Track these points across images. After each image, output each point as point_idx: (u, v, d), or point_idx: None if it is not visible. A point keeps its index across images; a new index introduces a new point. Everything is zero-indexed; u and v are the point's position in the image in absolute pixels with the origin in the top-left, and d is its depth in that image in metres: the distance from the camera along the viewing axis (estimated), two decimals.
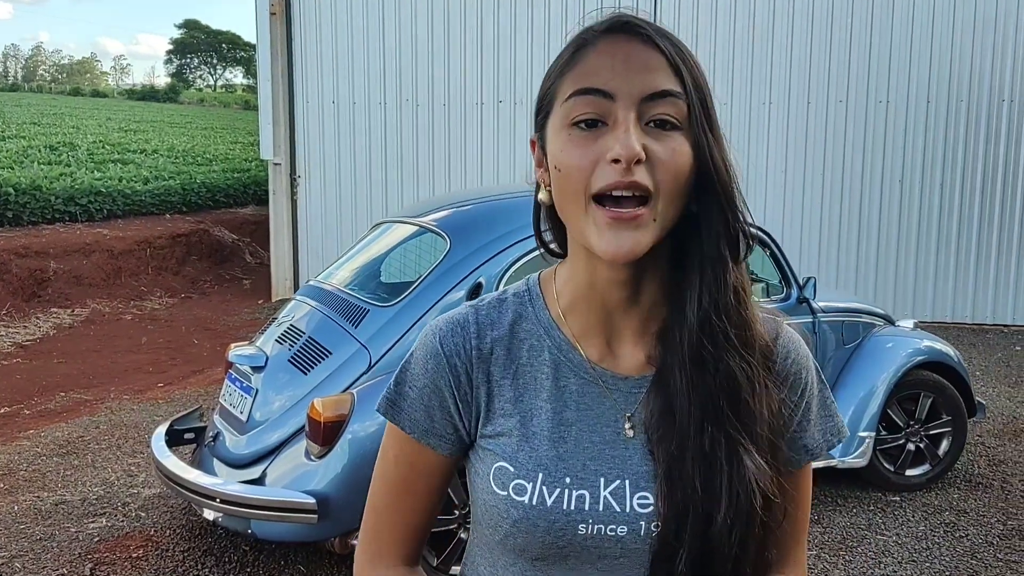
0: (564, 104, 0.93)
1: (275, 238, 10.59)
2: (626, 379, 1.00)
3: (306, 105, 10.43)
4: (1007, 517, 4.49)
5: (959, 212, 9.59)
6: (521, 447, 0.99)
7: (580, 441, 0.98)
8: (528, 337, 1.03)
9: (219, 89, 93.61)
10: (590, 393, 1.00)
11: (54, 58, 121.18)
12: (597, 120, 0.91)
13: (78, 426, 5.79)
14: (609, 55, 0.92)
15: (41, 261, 10.01)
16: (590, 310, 1.01)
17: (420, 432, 1.03)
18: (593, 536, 0.96)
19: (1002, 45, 9.34)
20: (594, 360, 1.01)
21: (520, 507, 0.96)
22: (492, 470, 1.00)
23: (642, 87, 0.90)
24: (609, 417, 0.99)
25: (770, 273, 4.62)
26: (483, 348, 1.02)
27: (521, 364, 1.02)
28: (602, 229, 0.90)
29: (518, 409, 1.01)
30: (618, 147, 0.88)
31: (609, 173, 0.89)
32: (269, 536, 3.60)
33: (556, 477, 0.97)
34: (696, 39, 9.74)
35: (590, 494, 0.96)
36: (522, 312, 1.05)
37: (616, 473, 0.97)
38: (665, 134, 0.91)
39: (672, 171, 0.90)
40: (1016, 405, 6.50)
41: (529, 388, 1.01)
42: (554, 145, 0.94)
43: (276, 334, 4.05)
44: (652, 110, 0.90)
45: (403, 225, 4.41)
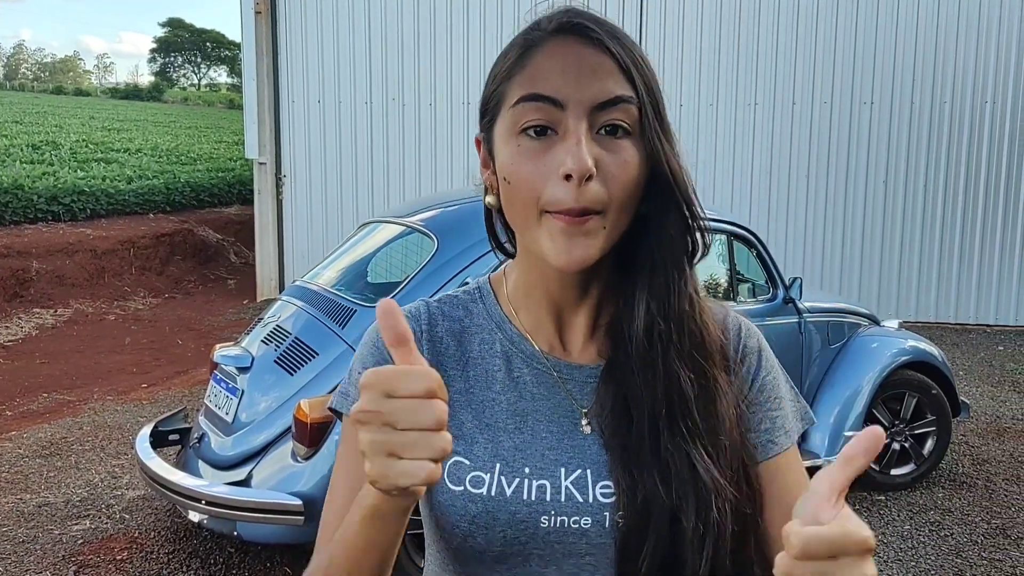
0: (512, 109, 0.90)
1: (260, 238, 10.54)
2: (581, 368, 0.99)
3: (291, 104, 10.39)
4: (991, 516, 4.52)
5: (942, 213, 9.66)
6: (476, 439, 0.96)
7: (537, 431, 0.96)
8: (479, 331, 1.02)
9: (203, 88, 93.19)
10: (544, 383, 0.98)
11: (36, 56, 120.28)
12: (547, 127, 0.88)
13: (61, 427, 5.74)
14: (559, 58, 0.89)
15: (23, 261, 9.93)
16: (540, 306, 1.00)
17: None
18: (556, 529, 0.92)
19: (984, 48, 9.41)
20: (545, 351, 1.00)
21: (479, 500, 0.92)
22: (446, 467, 0.95)
23: (593, 94, 0.88)
24: (566, 407, 0.97)
25: (756, 273, 4.63)
26: (433, 336, 1.01)
27: (472, 357, 1.01)
28: (555, 236, 0.88)
29: (469, 401, 0.98)
30: (569, 161, 0.85)
31: (560, 189, 0.86)
32: (255, 538, 3.58)
33: (515, 467, 0.94)
34: (682, 40, 9.77)
35: (551, 484, 0.93)
36: (473, 308, 1.04)
37: (577, 463, 0.94)
38: (616, 141, 0.89)
39: (623, 182, 0.88)
40: (999, 404, 6.55)
41: (480, 380, 0.99)
42: (503, 154, 0.92)
43: (262, 335, 4.03)
44: (604, 117, 0.88)
45: (390, 225, 4.40)
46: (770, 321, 4.52)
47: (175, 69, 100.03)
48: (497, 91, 0.94)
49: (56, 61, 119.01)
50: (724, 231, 4.47)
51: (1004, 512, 4.57)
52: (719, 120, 9.87)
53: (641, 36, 9.77)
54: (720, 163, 9.91)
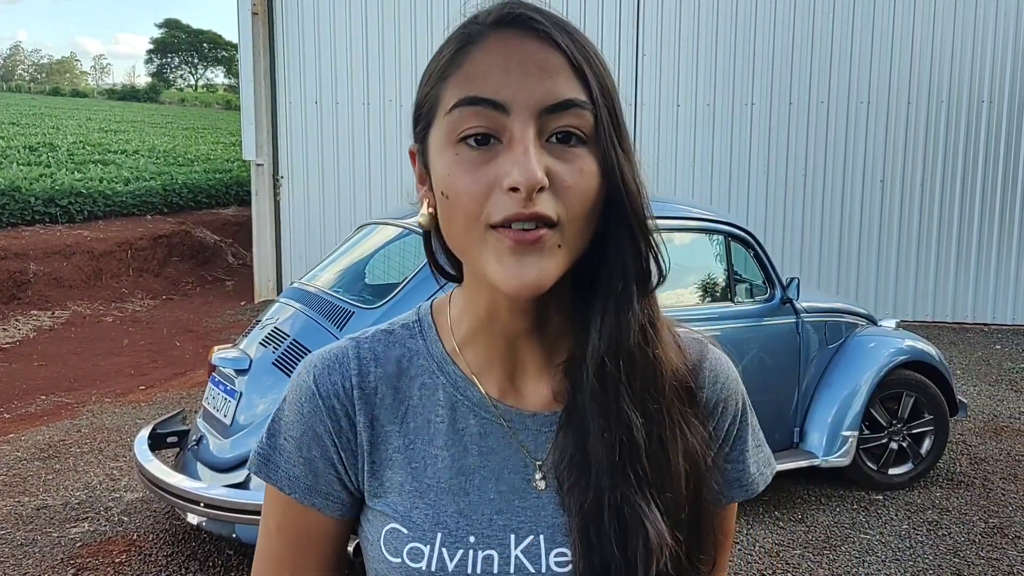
0: (448, 115, 0.78)
1: (258, 239, 10.54)
2: (533, 416, 0.87)
3: (289, 105, 10.39)
4: (988, 515, 4.53)
5: (939, 212, 9.67)
6: (415, 504, 0.85)
7: (484, 492, 0.85)
8: (420, 374, 0.89)
9: (200, 89, 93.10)
10: (493, 434, 0.87)
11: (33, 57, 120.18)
12: (489, 135, 0.76)
13: (59, 430, 5.74)
14: (501, 55, 0.77)
15: (21, 263, 9.93)
16: (490, 342, 0.87)
17: (302, 492, 0.87)
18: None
19: (981, 47, 9.42)
20: (495, 397, 0.88)
21: (416, 574, 0.83)
22: (383, 534, 0.86)
23: (541, 96, 0.76)
24: (516, 462, 0.86)
25: (753, 274, 4.64)
26: (365, 387, 0.87)
27: (412, 406, 0.88)
28: (503, 256, 0.76)
29: (409, 458, 0.86)
30: (516, 173, 0.74)
31: (507, 203, 0.74)
32: (254, 540, 3.57)
33: (458, 536, 0.83)
34: (679, 40, 9.78)
35: (499, 554, 0.83)
36: (412, 346, 0.90)
37: (528, 527, 0.84)
38: (569, 150, 0.77)
39: (579, 195, 0.77)
40: (996, 403, 6.56)
41: (421, 433, 0.87)
42: (439, 166, 0.80)
43: (260, 336, 4.03)
44: (554, 123, 0.76)
45: (388, 227, 4.40)
46: (768, 321, 4.52)
47: (172, 70, 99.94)
48: (431, 94, 0.82)
49: (53, 62, 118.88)
50: (721, 231, 4.48)
51: (1001, 511, 4.58)
52: (716, 120, 9.88)
53: (638, 36, 9.78)
54: (717, 163, 9.92)
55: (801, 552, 4.09)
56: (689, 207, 4.68)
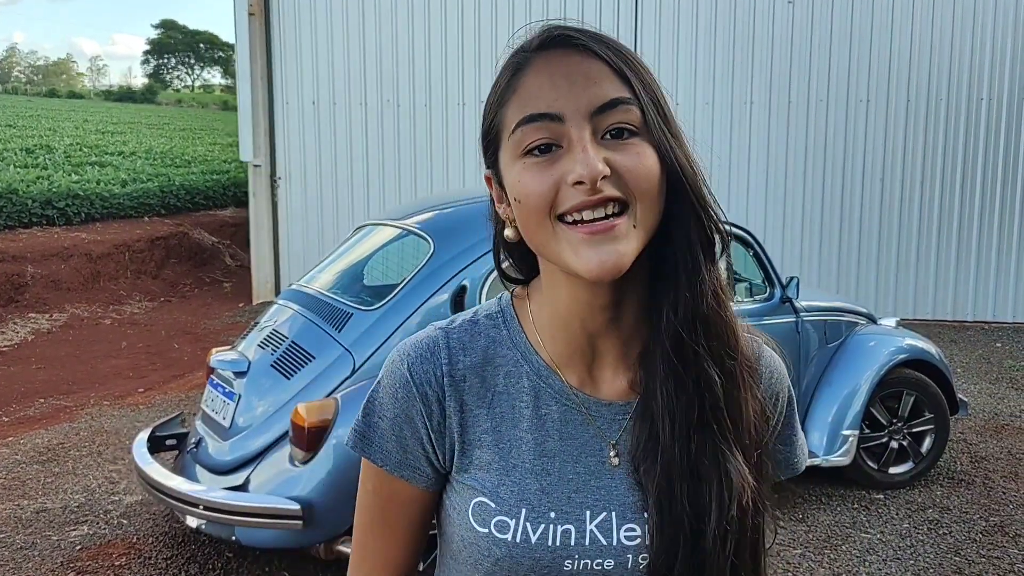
0: (512, 135, 0.88)
1: (255, 240, 10.53)
2: (609, 405, 0.96)
3: (286, 106, 10.37)
4: (989, 513, 4.52)
5: (939, 210, 9.67)
6: (502, 481, 0.94)
7: (564, 473, 0.94)
8: (504, 363, 0.98)
9: (197, 89, 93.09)
10: (572, 421, 0.96)
11: (29, 59, 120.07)
12: (551, 144, 0.86)
13: (58, 433, 5.73)
14: (548, 74, 0.87)
15: (18, 266, 9.90)
16: (570, 335, 0.96)
17: (393, 465, 0.99)
18: (579, 571, 0.92)
19: (980, 44, 9.42)
20: (575, 386, 0.97)
21: (503, 545, 0.92)
22: (471, 506, 0.95)
23: (589, 100, 0.85)
24: (593, 446, 0.95)
25: (753, 273, 4.63)
26: (455, 375, 0.97)
27: (498, 391, 0.97)
28: (578, 247, 0.85)
29: (496, 440, 0.96)
30: (579, 168, 0.83)
31: (574, 195, 0.84)
32: (253, 543, 3.57)
33: (540, 512, 0.93)
34: (677, 39, 9.77)
35: (576, 528, 0.92)
36: (496, 336, 0.99)
37: (602, 505, 0.93)
38: (625, 143, 0.86)
39: (642, 176, 0.86)
40: (997, 401, 6.55)
41: (507, 417, 0.96)
42: (510, 177, 0.90)
43: (258, 339, 4.01)
44: (606, 121, 0.86)
45: (386, 228, 4.39)
46: (767, 321, 4.52)
47: (169, 71, 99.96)
48: (494, 121, 0.92)
49: (49, 64, 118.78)
50: None
51: (1002, 509, 4.57)
52: (715, 119, 9.87)
53: (637, 35, 9.77)
54: (717, 162, 9.91)
55: (802, 552, 4.08)
56: None
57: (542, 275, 0.98)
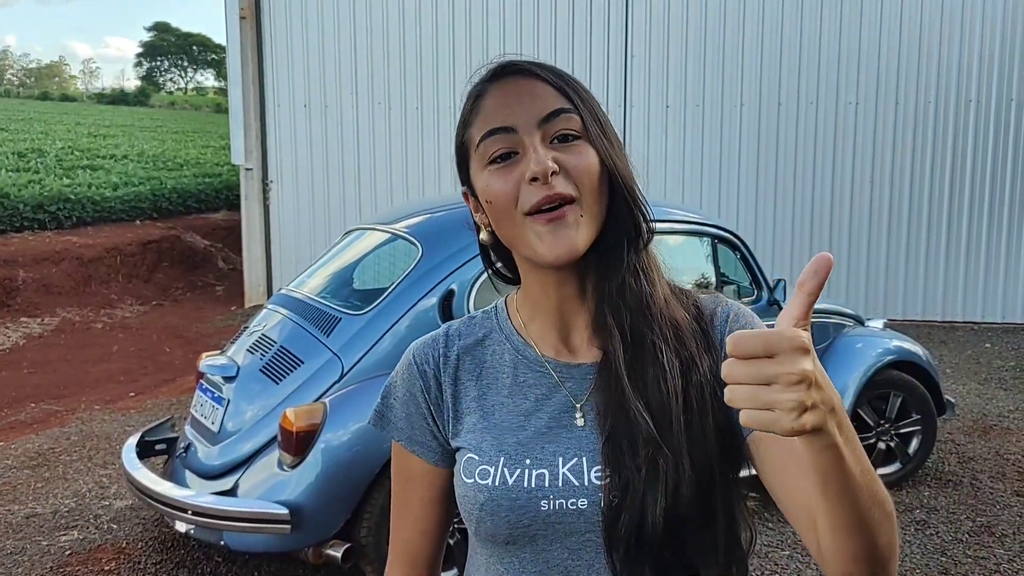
0: (478, 150, 1.07)
1: (247, 244, 10.52)
2: (578, 366, 1.11)
3: (277, 109, 10.37)
4: (976, 514, 4.55)
5: (928, 211, 9.71)
6: (484, 437, 1.09)
7: (538, 428, 1.08)
8: (492, 344, 1.16)
9: (190, 92, 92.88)
10: (545, 384, 1.11)
11: (22, 62, 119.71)
12: (510, 152, 1.04)
13: (49, 437, 5.72)
14: (502, 95, 1.06)
15: (9, 270, 9.89)
16: (547, 315, 1.13)
17: (405, 439, 1.15)
18: (556, 511, 1.04)
19: (968, 46, 9.47)
20: (550, 356, 1.12)
21: (485, 490, 1.05)
22: (462, 463, 1.10)
23: (537, 112, 1.03)
24: (565, 404, 1.09)
25: (740, 276, 4.65)
26: (449, 355, 1.15)
27: (486, 367, 1.14)
28: (541, 235, 1.02)
29: (481, 405, 1.12)
30: (532, 166, 1.00)
31: (533, 192, 1.01)
32: (242, 547, 3.58)
33: (516, 459, 1.06)
34: (668, 41, 9.80)
35: (549, 472, 1.04)
36: (488, 325, 1.19)
37: (573, 452, 1.05)
38: (570, 145, 1.04)
39: (586, 172, 1.02)
40: (985, 402, 6.58)
41: (492, 387, 1.13)
42: (480, 184, 1.07)
43: (247, 343, 4.02)
44: (552, 128, 1.03)
45: (375, 232, 4.40)
46: None
47: (161, 73, 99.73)
48: (464, 139, 1.11)
49: (42, 67, 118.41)
50: (708, 234, 4.49)
51: (989, 510, 4.60)
52: (706, 121, 9.90)
53: (627, 37, 9.79)
54: (707, 164, 9.94)
55: (790, 553, 4.10)
56: (675, 209, 4.69)
57: (520, 270, 1.15)
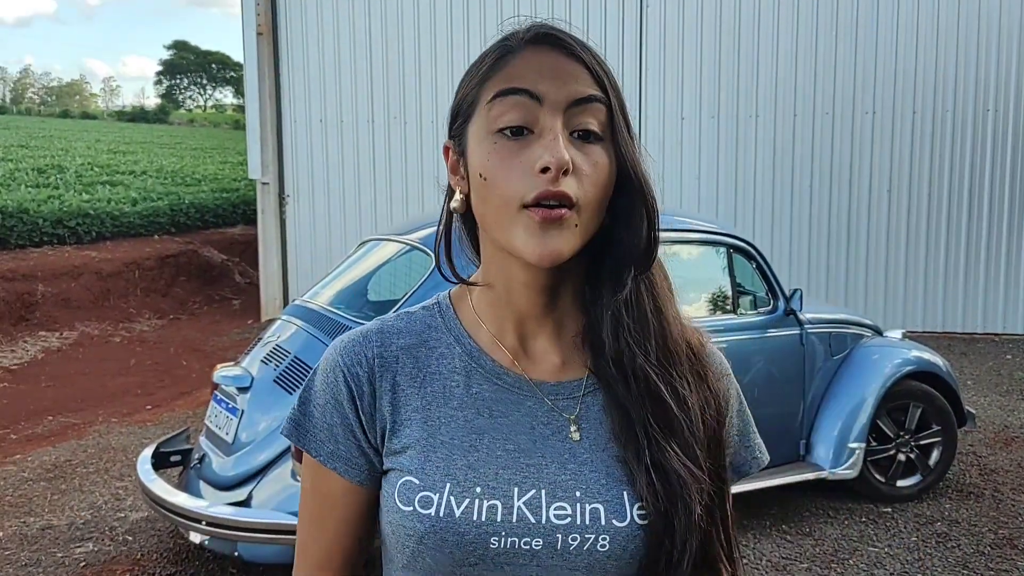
0: (489, 107, 0.92)
1: (264, 258, 10.57)
2: (542, 384, 0.98)
3: (294, 124, 10.43)
4: (998, 526, 4.48)
5: (947, 221, 9.63)
6: (428, 458, 0.94)
7: (493, 450, 0.94)
8: (438, 345, 1.00)
9: (209, 109, 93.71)
10: (504, 400, 0.97)
11: (43, 80, 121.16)
12: (523, 128, 0.90)
13: (66, 450, 5.75)
14: (536, 61, 0.93)
15: (29, 284, 9.97)
16: (504, 317, 0.99)
17: (326, 455, 0.98)
18: (506, 551, 0.90)
19: (985, 55, 9.41)
20: (505, 366, 0.99)
21: (426, 520, 0.91)
22: (397, 487, 0.94)
23: (568, 93, 0.91)
24: (524, 424, 0.96)
25: (757, 286, 4.62)
26: (387, 355, 0.99)
27: (430, 372, 0.99)
28: (531, 230, 0.89)
29: (425, 418, 0.96)
30: (547, 155, 0.88)
31: (538, 183, 0.88)
32: (256, 558, 3.57)
33: (465, 487, 0.92)
34: (682, 52, 9.79)
35: (502, 504, 0.91)
36: (431, 323, 1.02)
37: (531, 483, 0.92)
38: (588, 146, 0.92)
39: (594, 183, 0.91)
40: (1007, 414, 6.50)
41: (438, 396, 0.97)
42: (478, 153, 0.93)
43: (262, 354, 4.02)
44: (576, 118, 0.91)
45: (389, 243, 4.40)
46: (772, 333, 4.50)
47: (181, 91, 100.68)
48: (471, 94, 0.96)
49: (62, 85, 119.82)
50: (724, 244, 4.46)
51: (1012, 522, 4.53)
52: (721, 132, 9.87)
53: (641, 49, 9.79)
54: (723, 175, 9.91)
55: (808, 566, 4.05)
56: (691, 220, 4.66)
57: (483, 254, 1.02)
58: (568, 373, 0.99)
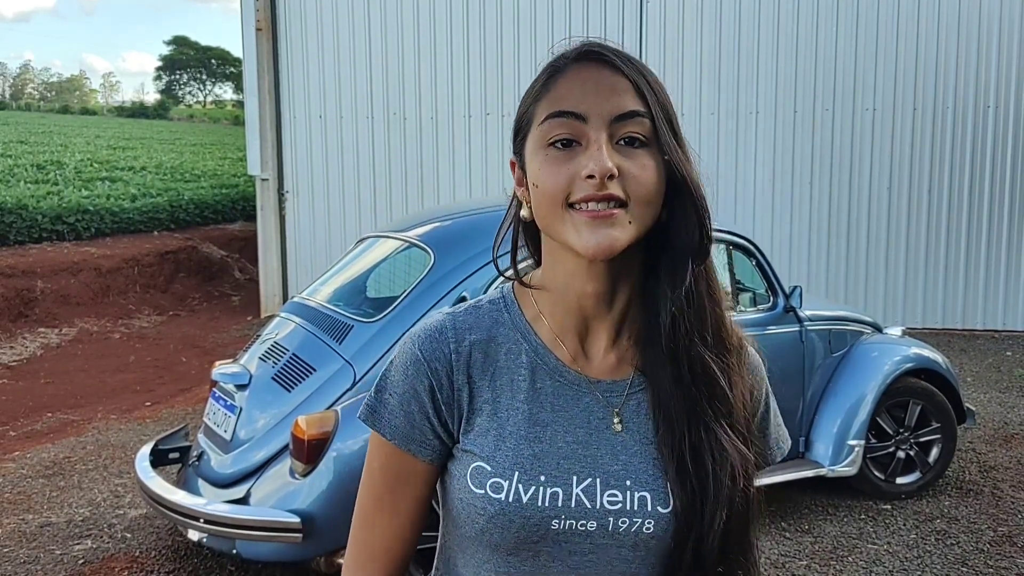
0: (540, 127, 1.01)
1: (263, 254, 10.56)
2: (598, 382, 1.07)
3: (293, 120, 10.41)
4: (997, 523, 4.48)
5: (947, 218, 9.62)
6: (499, 446, 1.04)
7: (555, 441, 1.04)
8: (505, 341, 1.08)
9: (209, 105, 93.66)
10: (565, 395, 1.06)
11: (42, 76, 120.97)
12: (572, 140, 0.99)
13: (65, 447, 5.74)
14: (580, 81, 1.00)
15: (28, 280, 9.96)
16: (566, 315, 1.07)
17: (401, 438, 1.07)
18: (565, 531, 1.02)
19: (985, 51, 9.39)
20: (567, 363, 1.07)
21: (497, 503, 1.01)
22: (469, 470, 1.04)
23: (611, 109, 0.98)
24: (582, 419, 1.05)
25: (756, 283, 4.61)
26: (461, 351, 1.07)
27: (499, 366, 1.07)
28: (580, 228, 0.97)
29: (495, 409, 1.06)
30: (592, 164, 0.95)
31: (585, 187, 0.96)
32: (254, 556, 3.57)
33: (531, 475, 1.02)
34: (682, 49, 9.77)
35: (563, 491, 1.02)
36: (498, 318, 1.10)
37: (588, 472, 1.03)
38: (634, 151, 0.99)
39: (643, 183, 0.98)
40: (1007, 410, 6.50)
41: (506, 390, 1.06)
42: (533, 164, 1.02)
43: (260, 351, 4.02)
44: (621, 130, 0.98)
45: (388, 240, 4.39)
46: (771, 330, 4.49)
47: (181, 86, 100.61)
48: (527, 112, 1.05)
49: (62, 81, 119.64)
50: (724, 240, 4.45)
51: (1011, 519, 4.53)
52: (720, 129, 9.86)
53: (641, 45, 9.77)
54: (722, 172, 9.89)
55: (808, 563, 4.05)
56: None
57: (544, 257, 1.09)
58: (621, 372, 1.08)
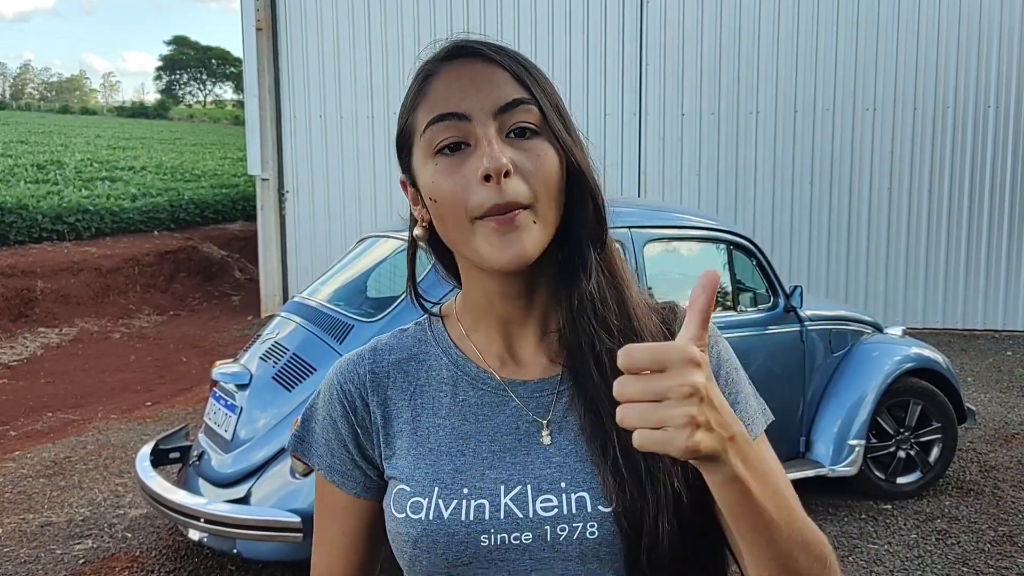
0: (423, 136, 0.94)
1: (264, 254, 10.56)
2: (525, 383, 0.99)
3: (293, 120, 10.42)
4: (998, 523, 4.48)
5: (948, 218, 9.62)
6: (418, 465, 0.97)
7: (479, 452, 0.96)
8: (427, 359, 1.04)
9: (209, 105, 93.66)
10: (489, 403, 0.99)
11: (43, 76, 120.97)
12: (460, 142, 0.92)
13: (65, 446, 5.74)
14: (455, 79, 0.94)
15: (28, 280, 9.96)
16: (489, 326, 1.01)
17: (326, 468, 1.03)
18: (498, 547, 0.93)
19: (986, 51, 9.39)
20: (495, 370, 1.01)
21: (418, 524, 0.94)
22: (392, 496, 0.98)
23: (493, 101, 0.92)
24: (510, 425, 0.98)
25: (757, 282, 4.61)
26: (378, 372, 1.03)
27: (420, 384, 1.02)
28: (490, 239, 0.90)
29: (415, 428, 1.00)
30: (485, 161, 0.88)
31: (484, 193, 0.89)
32: (255, 556, 3.57)
33: (453, 489, 0.94)
34: (682, 49, 9.77)
35: (489, 503, 0.93)
36: (421, 337, 1.06)
37: (517, 479, 0.94)
38: (526, 142, 0.92)
39: (542, 176, 0.91)
40: (1007, 410, 6.49)
41: (427, 407, 1.01)
42: (424, 177, 0.95)
43: (260, 351, 4.02)
44: (509, 121, 0.92)
45: (388, 240, 4.39)
46: (772, 330, 4.49)
47: (181, 86, 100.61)
48: (407, 124, 0.98)
49: (62, 80, 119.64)
50: (723, 240, 4.45)
51: (1011, 519, 4.53)
52: (721, 129, 9.86)
53: (641, 45, 9.78)
54: (723, 172, 9.90)
55: None
56: (691, 216, 4.65)
57: (461, 272, 1.03)
58: (553, 369, 1.00)
